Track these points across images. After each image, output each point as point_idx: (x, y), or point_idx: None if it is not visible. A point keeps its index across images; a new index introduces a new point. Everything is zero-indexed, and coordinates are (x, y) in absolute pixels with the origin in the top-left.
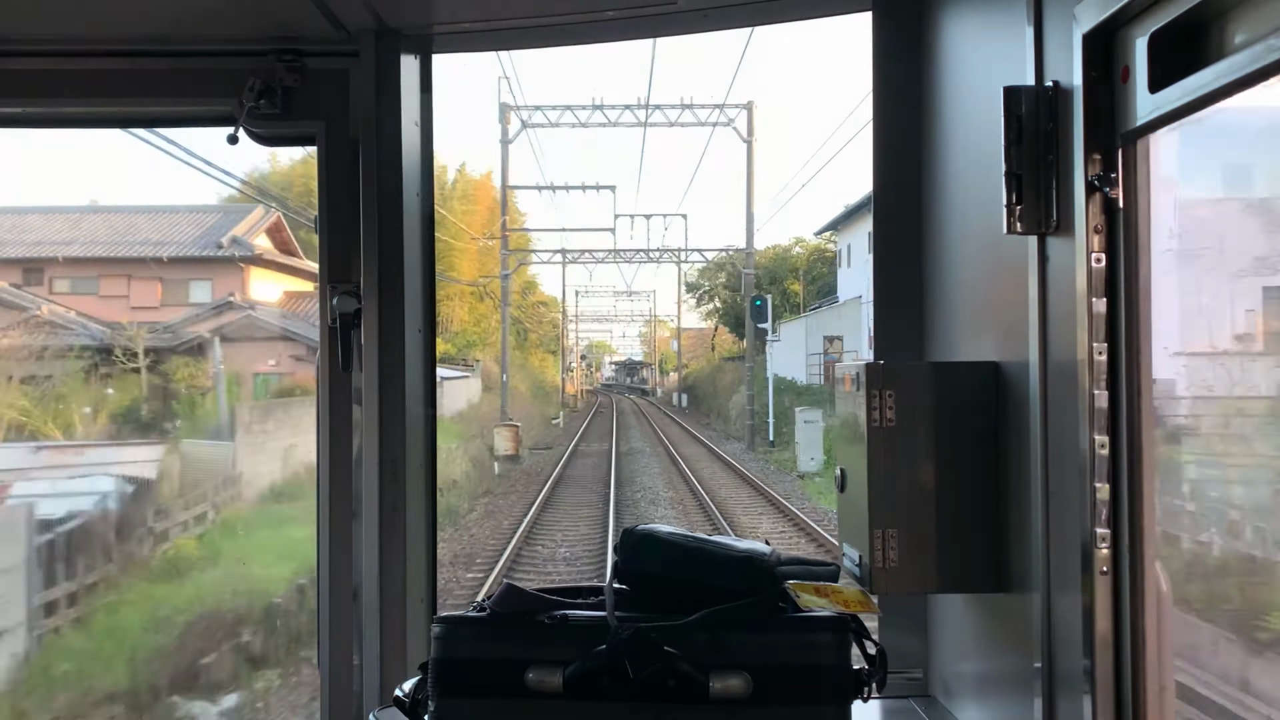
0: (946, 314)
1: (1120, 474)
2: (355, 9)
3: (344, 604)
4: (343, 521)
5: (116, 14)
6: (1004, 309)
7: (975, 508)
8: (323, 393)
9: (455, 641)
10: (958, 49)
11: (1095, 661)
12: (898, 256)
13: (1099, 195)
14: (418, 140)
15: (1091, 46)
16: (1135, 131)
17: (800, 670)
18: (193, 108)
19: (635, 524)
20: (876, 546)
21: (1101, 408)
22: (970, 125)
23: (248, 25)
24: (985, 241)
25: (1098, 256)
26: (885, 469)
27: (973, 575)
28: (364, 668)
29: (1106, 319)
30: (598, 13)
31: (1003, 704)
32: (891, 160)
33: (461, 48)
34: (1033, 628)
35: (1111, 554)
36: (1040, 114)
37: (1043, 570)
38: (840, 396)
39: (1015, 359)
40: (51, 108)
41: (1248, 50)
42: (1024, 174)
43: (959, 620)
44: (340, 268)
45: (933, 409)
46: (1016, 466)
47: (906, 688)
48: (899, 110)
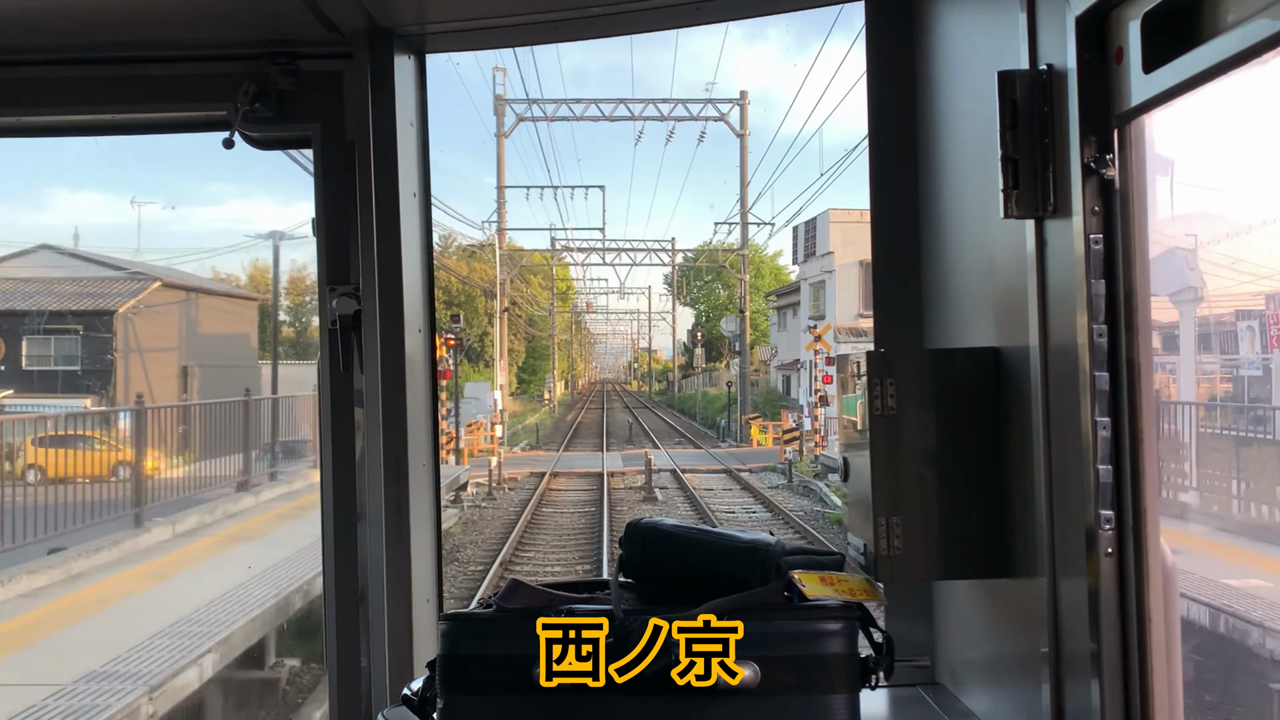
0: (946, 300)
1: (1122, 455)
2: (348, 10)
3: (350, 605)
4: (347, 523)
5: (109, 21)
6: (1003, 294)
7: (979, 493)
8: (324, 394)
9: (462, 639)
10: (951, 34)
11: (1102, 644)
12: (895, 244)
13: (1095, 177)
14: (414, 140)
15: (1085, 28)
16: (1130, 112)
17: (808, 659)
18: (187, 113)
19: (639, 518)
20: (881, 534)
21: (1103, 390)
22: (965, 110)
23: (241, 29)
24: (983, 226)
25: (1096, 238)
26: (888, 457)
27: (978, 561)
28: (372, 668)
29: (1106, 300)
30: (588, 8)
31: (1011, 689)
32: (887, 147)
33: (454, 47)
34: (1039, 612)
35: (1116, 536)
36: (1035, 97)
37: (1048, 554)
38: (841, 385)
39: (1015, 344)
40: (47, 116)
41: (1240, 28)
42: (1020, 158)
43: (965, 606)
44: (339, 270)
45: (934, 396)
46: (1019, 451)
47: (914, 675)
48: (894, 98)
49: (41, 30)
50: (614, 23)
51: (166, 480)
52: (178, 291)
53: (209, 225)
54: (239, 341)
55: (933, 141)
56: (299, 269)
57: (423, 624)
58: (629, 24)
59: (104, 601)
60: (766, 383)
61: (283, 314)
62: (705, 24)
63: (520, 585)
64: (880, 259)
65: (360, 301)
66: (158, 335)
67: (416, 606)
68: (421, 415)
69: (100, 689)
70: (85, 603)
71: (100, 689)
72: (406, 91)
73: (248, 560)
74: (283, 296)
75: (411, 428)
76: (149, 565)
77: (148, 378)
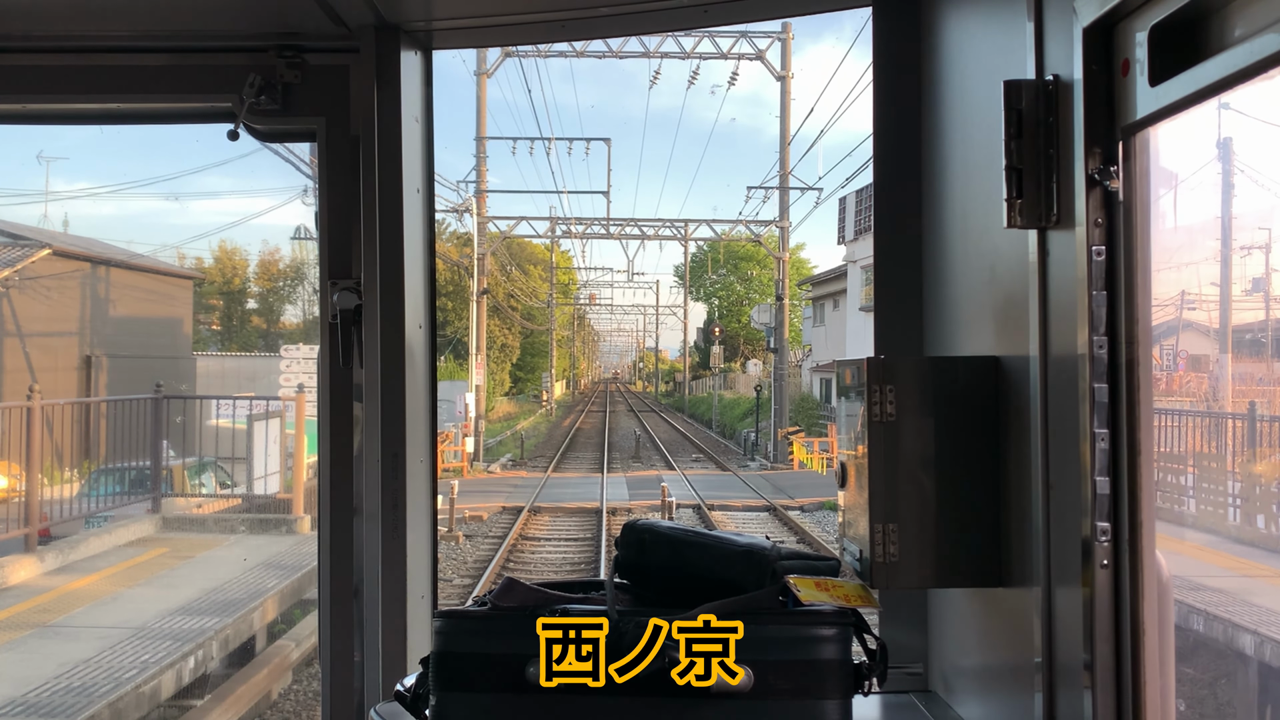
0: (947, 308)
1: (1120, 467)
2: (355, 5)
3: (345, 600)
4: (343, 518)
5: (116, 10)
6: (1004, 303)
7: (976, 502)
8: (323, 388)
9: (456, 636)
10: (958, 43)
11: (1096, 655)
12: (898, 250)
13: (1099, 189)
14: (418, 136)
15: (1091, 40)
16: (1135, 125)
17: (801, 664)
18: (193, 104)
19: (636, 519)
20: (877, 541)
21: (1102, 401)
22: (970, 119)
23: (248, 21)
24: (985, 235)
25: (1098, 249)
26: (885, 463)
27: (973, 569)
28: (365, 664)
29: (1107, 312)
30: (597, 8)
31: (1003, 698)
32: (892, 154)
33: (461, 43)
34: (1033, 622)
35: (1112, 547)
36: (1040, 107)
37: (1043, 564)
38: (840, 391)
39: (1015, 353)
40: (52, 104)
41: (1248, 43)
42: (1024, 168)
43: (959, 615)
44: (341, 264)
45: (933, 403)
46: (1017, 460)
47: (907, 682)
48: (899, 104)
49: (50, 20)
50: (622, 23)
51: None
52: (75, 262)
53: (200, 218)
54: (165, 327)
55: (937, 148)
56: (270, 250)
57: (417, 620)
58: (637, 24)
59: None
60: (797, 387)
61: (251, 301)
62: (714, 26)
63: (515, 584)
64: (882, 264)
65: (361, 296)
66: (50, 316)
67: (411, 602)
68: (420, 411)
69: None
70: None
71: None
72: (412, 87)
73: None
74: (250, 282)
75: (410, 423)
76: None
77: (32, 369)
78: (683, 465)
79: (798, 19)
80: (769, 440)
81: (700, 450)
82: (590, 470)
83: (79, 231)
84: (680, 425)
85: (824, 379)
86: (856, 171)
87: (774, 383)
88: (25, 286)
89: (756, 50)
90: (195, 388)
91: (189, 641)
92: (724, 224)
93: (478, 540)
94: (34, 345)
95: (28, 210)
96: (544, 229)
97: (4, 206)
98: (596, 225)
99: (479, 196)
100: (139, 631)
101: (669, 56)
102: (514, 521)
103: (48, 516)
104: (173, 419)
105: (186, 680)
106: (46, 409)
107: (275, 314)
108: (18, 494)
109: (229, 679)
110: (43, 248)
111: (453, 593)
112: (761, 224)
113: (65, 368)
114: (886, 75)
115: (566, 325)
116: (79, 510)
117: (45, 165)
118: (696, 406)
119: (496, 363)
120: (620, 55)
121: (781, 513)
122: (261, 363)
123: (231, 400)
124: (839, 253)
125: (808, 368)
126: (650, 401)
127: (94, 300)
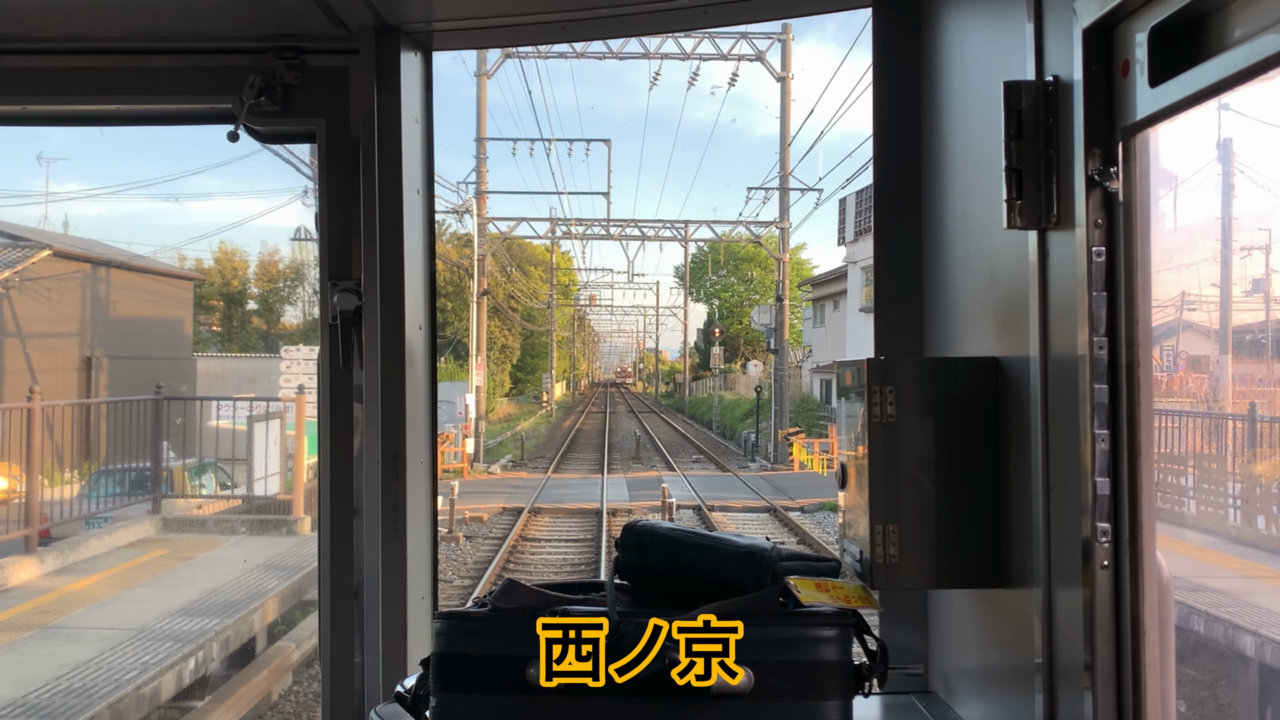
0: (947, 309)
1: (1120, 468)
2: (356, 6)
3: (345, 601)
4: (343, 519)
5: (116, 11)
6: (1004, 304)
7: (976, 503)
8: (323, 390)
9: (457, 637)
10: (958, 44)
11: (1096, 656)
12: (898, 251)
13: (1099, 189)
14: (419, 137)
15: (1091, 41)
16: (1135, 125)
17: (801, 665)
18: (192, 105)
19: (636, 520)
20: (877, 542)
21: (1102, 402)
22: (970, 120)
23: (248, 22)
24: (985, 236)
25: (1098, 250)
26: (886, 464)
27: (973, 570)
28: (365, 665)
29: (1107, 313)
30: (597, 9)
31: (1004, 699)
32: (892, 155)
33: (462, 45)
34: (1033, 623)
35: (1112, 548)
36: (1040, 108)
37: (1043, 565)
38: (840, 391)
39: (1015, 354)
40: (51, 105)
41: (1248, 43)
42: (1024, 169)
43: (960, 615)
44: (341, 265)
45: (933, 404)
46: (1017, 461)
47: (907, 683)
48: (899, 105)
49: (49, 20)
50: (623, 24)
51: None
52: (75, 263)
53: (199, 219)
54: (166, 328)
55: (937, 149)
56: (269, 251)
57: (417, 621)
58: (638, 25)
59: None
60: (798, 388)
61: (251, 302)
62: (714, 27)
63: (515, 585)
64: (882, 265)
65: (361, 297)
66: (50, 317)
67: (411, 604)
68: (420, 412)
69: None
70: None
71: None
72: (412, 89)
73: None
74: (250, 283)
75: (410, 424)
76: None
77: (32, 370)
78: (683, 466)
79: (798, 20)
80: (769, 441)
81: (700, 451)
82: (590, 471)
83: (79, 232)
84: (680, 426)
85: (824, 380)
86: (856, 172)
87: (774, 384)
88: (25, 288)
89: (756, 51)
90: (195, 389)
91: (189, 643)
92: (724, 225)
93: (478, 541)
94: (34, 346)
95: (28, 211)
96: (544, 230)
97: (4, 207)
98: (596, 226)
99: (479, 197)
100: (139, 633)
101: (669, 57)
102: (514, 522)
103: (48, 518)
104: (173, 420)
105: (187, 681)
106: (47, 410)
107: (275, 315)
108: (18, 495)
109: (229, 680)
110: (43, 249)
111: (453, 594)
112: (762, 225)
113: (65, 369)
114: (886, 76)
115: (567, 326)
116: (79, 511)
117: (45, 166)
118: (697, 407)
119: (496, 364)
120: (620, 56)
121: (782, 514)
122: (261, 364)
123: (232, 401)
124: (839, 254)
125: (808, 369)
126: (649, 402)
127: (94, 301)
